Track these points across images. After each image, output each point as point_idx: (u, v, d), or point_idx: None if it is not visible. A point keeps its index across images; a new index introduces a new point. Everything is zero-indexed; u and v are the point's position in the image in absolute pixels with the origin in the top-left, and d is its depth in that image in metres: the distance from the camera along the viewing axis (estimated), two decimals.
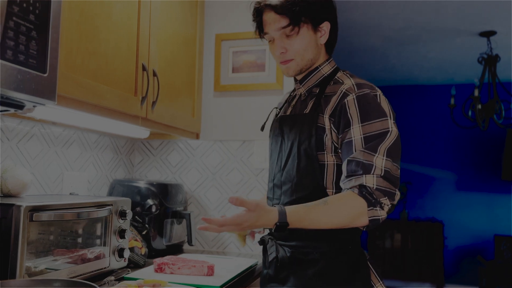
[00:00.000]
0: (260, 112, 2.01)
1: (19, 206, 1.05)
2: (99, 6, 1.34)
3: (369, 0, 3.25)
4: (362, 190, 1.08)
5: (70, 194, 1.61)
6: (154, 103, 1.62)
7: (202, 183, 2.10)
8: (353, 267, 1.17)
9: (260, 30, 1.26)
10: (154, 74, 1.62)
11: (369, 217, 1.08)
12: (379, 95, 1.17)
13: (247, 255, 1.92)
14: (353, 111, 1.13)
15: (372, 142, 1.10)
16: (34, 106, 1.06)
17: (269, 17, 1.21)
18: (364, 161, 1.09)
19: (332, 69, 1.27)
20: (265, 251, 1.31)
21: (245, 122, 2.06)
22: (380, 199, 1.08)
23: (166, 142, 2.16)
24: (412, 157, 5.65)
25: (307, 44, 1.21)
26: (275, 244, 1.25)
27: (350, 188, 1.10)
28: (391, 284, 5.24)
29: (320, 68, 1.26)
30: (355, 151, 1.11)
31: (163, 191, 1.79)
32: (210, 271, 1.41)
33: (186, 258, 1.51)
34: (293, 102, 1.32)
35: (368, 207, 1.07)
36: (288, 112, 1.31)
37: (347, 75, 1.24)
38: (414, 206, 5.61)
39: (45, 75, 1.00)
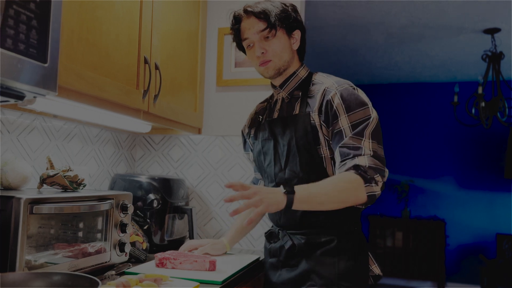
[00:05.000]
0: None
1: (19, 199, 1.04)
2: None
3: None
4: (358, 169, 1.20)
5: None
6: (156, 96, 1.60)
7: (204, 179, 2.08)
8: (356, 250, 1.32)
9: (238, 38, 1.42)
10: (156, 68, 1.61)
11: (367, 193, 1.20)
12: (356, 88, 1.32)
13: (249, 251, 1.90)
14: (338, 104, 1.27)
15: (358, 128, 1.25)
16: (34, 97, 1.05)
17: (249, 22, 1.37)
18: (354, 145, 1.23)
19: (307, 73, 1.43)
20: (268, 243, 1.46)
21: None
22: (374, 176, 1.21)
23: (168, 137, 2.14)
24: (415, 155, 5.63)
25: (283, 46, 1.37)
26: (287, 234, 1.37)
27: (346, 170, 1.22)
28: (393, 282, 5.23)
29: (297, 73, 1.42)
30: (345, 137, 1.25)
31: (165, 186, 1.77)
32: (212, 266, 1.40)
33: (187, 253, 1.50)
34: (278, 107, 1.45)
35: (365, 183, 1.19)
36: (275, 117, 1.43)
37: (324, 75, 1.39)
38: (416, 204, 5.59)
39: (46, 65, 0.98)
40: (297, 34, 1.40)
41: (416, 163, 5.63)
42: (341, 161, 1.24)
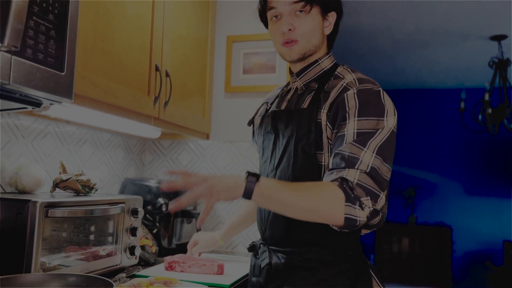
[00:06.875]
0: None
1: (35, 202, 1.07)
2: (114, 6, 1.36)
3: (378, 2, 3.25)
4: (343, 183, 0.98)
5: None
6: (166, 103, 1.64)
7: None
8: (354, 275, 1.09)
9: (263, 4, 1.19)
10: (167, 75, 1.64)
11: (344, 214, 0.95)
12: (382, 91, 1.09)
13: None
14: (352, 106, 1.05)
15: (362, 136, 1.02)
16: (51, 104, 1.09)
17: None
18: (350, 154, 1.00)
19: (332, 63, 1.20)
20: (254, 258, 1.23)
21: None
22: (361, 198, 0.97)
23: (177, 142, 2.18)
24: (421, 161, 5.62)
25: (315, 27, 1.15)
26: (268, 250, 1.15)
27: (331, 181, 1.01)
28: None
29: (320, 62, 1.19)
30: (345, 143, 1.03)
31: (174, 190, 1.80)
32: (220, 270, 1.42)
33: (196, 257, 1.53)
34: (288, 97, 1.23)
35: (346, 201, 0.96)
36: (283, 107, 1.22)
37: (348, 70, 1.17)
38: (422, 210, 5.58)
39: (63, 73, 1.02)
40: (332, 16, 1.18)
41: (423, 169, 5.62)
42: (330, 169, 1.03)
